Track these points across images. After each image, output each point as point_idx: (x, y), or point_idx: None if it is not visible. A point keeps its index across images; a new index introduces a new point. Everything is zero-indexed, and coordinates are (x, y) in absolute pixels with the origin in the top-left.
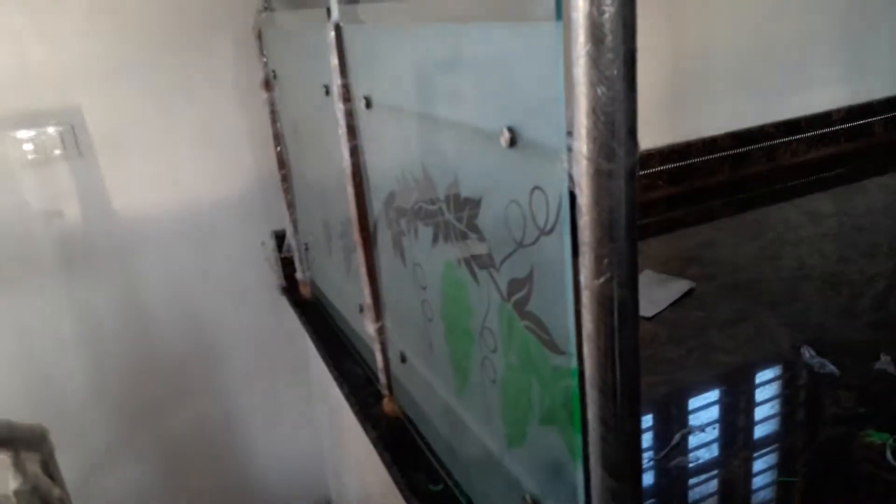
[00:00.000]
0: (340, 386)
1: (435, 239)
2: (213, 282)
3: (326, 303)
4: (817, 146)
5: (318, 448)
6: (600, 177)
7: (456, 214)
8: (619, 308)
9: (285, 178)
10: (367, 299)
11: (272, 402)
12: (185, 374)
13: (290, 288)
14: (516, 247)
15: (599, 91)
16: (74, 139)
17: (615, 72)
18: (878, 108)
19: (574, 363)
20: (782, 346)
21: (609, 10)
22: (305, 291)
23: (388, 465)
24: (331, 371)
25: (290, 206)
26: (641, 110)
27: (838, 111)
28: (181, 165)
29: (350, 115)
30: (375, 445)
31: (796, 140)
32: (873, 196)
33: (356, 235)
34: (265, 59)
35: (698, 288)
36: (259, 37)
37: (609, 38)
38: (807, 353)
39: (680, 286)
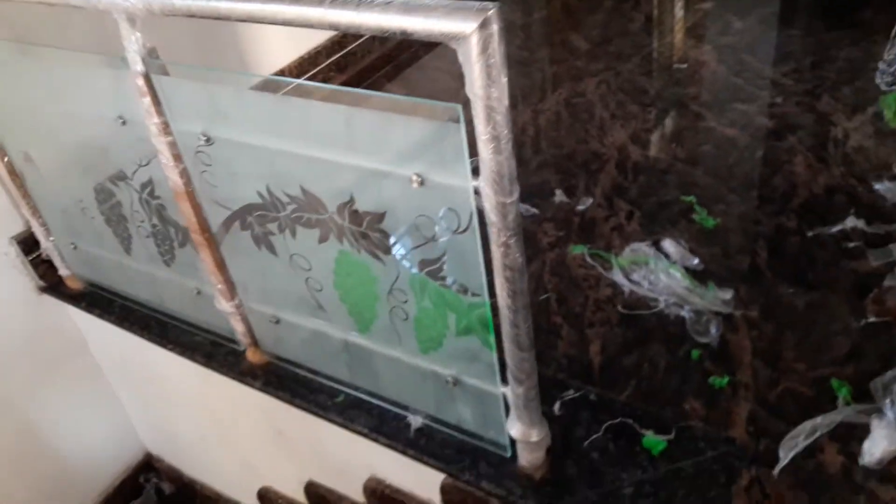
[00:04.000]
0: (190, 357)
1: (323, 238)
2: None
3: (124, 293)
4: None
5: (123, 415)
6: (503, 207)
7: (352, 222)
8: (514, 265)
9: (20, 186)
10: (219, 285)
11: (63, 392)
12: None
13: (55, 286)
14: (426, 241)
15: (497, 158)
16: None
17: (504, 146)
18: None
19: (487, 299)
20: None
21: (499, 114)
22: (75, 284)
23: (289, 400)
24: (168, 348)
25: (35, 212)
26: None
27: None
28: None
29: (174, 146)
30: (265, 390)
31: None
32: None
33: (198, 238)
34: None
35: None
36: None
37: (503, 130)
38: None
39: None
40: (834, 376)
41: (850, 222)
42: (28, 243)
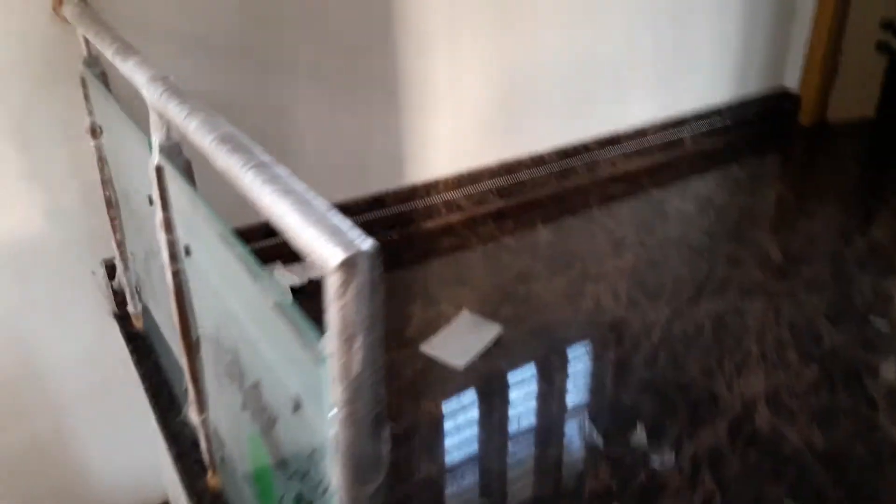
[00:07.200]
0: (169, 446)
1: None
2: (40, 310)
3: (159, 343)
4: (634, 158)
5: (154, 456)
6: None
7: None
8: None
9: (114, 218)
10: (191, 394)
11: (109, 416)
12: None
13: (123, 317)
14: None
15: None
16: None
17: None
18: (688, 122)
19: None
20: (569, 412)
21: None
22: (138, 323)
23: None
24: (160, 428)
25: (120, 244)
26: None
27: (653, 126)
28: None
29: (173, 245)
30: None
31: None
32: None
33: (180, 342)
34: (90, 108)
35: (506, 333)
36: (83, 85)
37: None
38: (585, 420)
39: (489, 332)
40: None
41: None
42: (114, 270)
